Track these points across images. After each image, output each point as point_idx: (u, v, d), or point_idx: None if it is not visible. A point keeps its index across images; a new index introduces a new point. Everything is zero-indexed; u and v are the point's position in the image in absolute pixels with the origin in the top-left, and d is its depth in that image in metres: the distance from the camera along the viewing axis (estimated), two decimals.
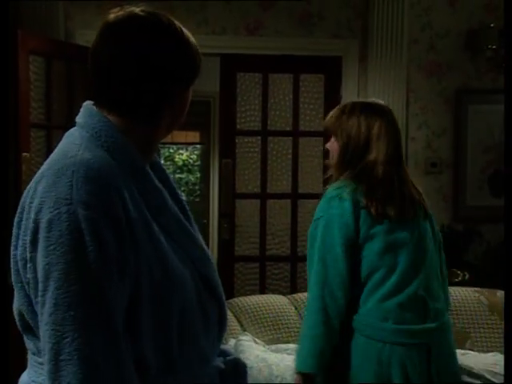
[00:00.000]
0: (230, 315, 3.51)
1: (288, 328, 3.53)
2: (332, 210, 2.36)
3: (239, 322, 3.50)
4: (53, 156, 1.45)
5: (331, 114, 2.53)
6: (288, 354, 3.25)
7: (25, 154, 4.13)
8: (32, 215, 1.34)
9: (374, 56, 4.90)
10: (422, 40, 5.02)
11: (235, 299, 3.67)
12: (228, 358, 1.59)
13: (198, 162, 11.49)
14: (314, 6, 4.92)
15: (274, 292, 4.79)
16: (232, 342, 3.28)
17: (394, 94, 4.93)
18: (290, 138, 4.96)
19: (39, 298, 1.32)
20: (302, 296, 3.69)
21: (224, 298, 1.58)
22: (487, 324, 3.55)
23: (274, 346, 3.37)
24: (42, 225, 1.31)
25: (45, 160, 4.14)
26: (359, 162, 2.43)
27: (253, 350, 3.12)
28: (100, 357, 1.28)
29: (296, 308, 3.63)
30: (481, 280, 4.61)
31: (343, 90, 4.94)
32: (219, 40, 4.87)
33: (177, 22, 1.53)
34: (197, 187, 11.13)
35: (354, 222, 2.34)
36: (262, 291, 4.88)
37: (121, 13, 1.49)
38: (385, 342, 2.32)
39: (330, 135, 2.54)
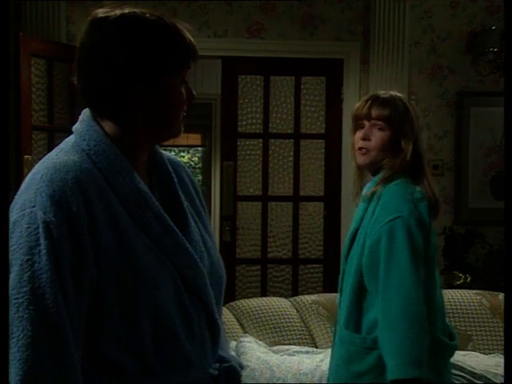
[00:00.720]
0: (231, 318, 3.52)
1: (290, 330, 3.53)
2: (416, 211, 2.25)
3: (240, 324, 3.51)
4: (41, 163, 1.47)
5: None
6: (289, 355, 3.25)
7: (26, 156, 4.14)
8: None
9: (376, 58, 4.90)
10: (424, 43, 5.02)
11: (236, 302, 3.67)
12: (224, 364, 1.55)
13: (200, 165, 11.50)
14: (315, 8, 4.92)
15: (275, 294, 4.79)
16: (233, 343, 3.28)
17: None
18: (292, 140, 4.96)
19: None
20: (304, 299, 3.69)
21: (212, 302, 1.53)
22: (489, 326, 3.54)
23: (275, 347, 3.38)
24: (10, 226, 1.34)
25: None
26: None
27: (254, 352, 3.12)
28: (42, 361, 1.29)
29: (298, 311, 3.63)
30: (483, 282, 4.62)
31: (345, 92, 4.94)
32: (221, 42, 4.88)
33: (168, 20, 1.49)
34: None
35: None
36: (264, 294, 4.88)
37: (105, 10, 1.49)
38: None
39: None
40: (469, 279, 4.61)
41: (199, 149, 11.21)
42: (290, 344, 3.44)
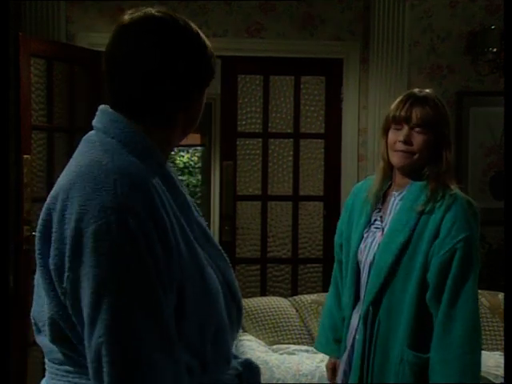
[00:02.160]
0: None
1: (289, 330, 3.53)
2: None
3: None
4: (80, 162, 1.40)
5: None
6: (289, 353, 3.25)
7: (26, 156, 4.13)
8: (71, 224, 1.30)
9: (375, 58, 4.90)
10: (423, 42, 5.02)
11: None
12: (241, 359, 1.58)
13: (199, 164, 11.51)
14: (315, 8, 4.92)
15: (274, 294, 4.78)
16: None
17: (395, 97, 4.86)
18: (291, 140, 4.96)
19: (88, 310, 1.27)
20: (303, 298, 3.69)
21: (242, 300, 1.58)
22: (488, 326, 3.54)
23: (275, 346, 3.37)
24: (88, 234, 1.27)
25: (46, 162, 4.15)
26: None
27: (253, 352, 3.12)
28: (161, 367, 1.27)
29: (297, 310, 3.63)
30: (483, 282, 4.61)
31: (344, 92, 4.95)
32: (220, 42, 4.86)
33: (193, 24, 1.51)
34: (198, 189, 11.14)
35: None
36: (263, 293, 4.88)
37: (136, 14, 1.46)
38: None
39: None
40: None
41: (198, 148, 11.21)
42: (289, 343, 3.44)
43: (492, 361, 3.16)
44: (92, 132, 1.48)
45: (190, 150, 11.86)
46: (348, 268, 2.43)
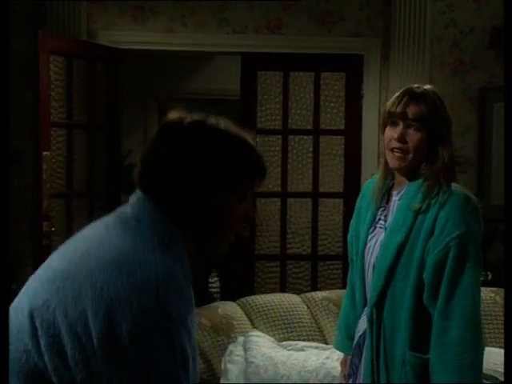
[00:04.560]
0: (240, 313, 3.52)
1: (299, 327, 3.52)
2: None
3: (250, 320, 3.51)
4: (119, 252, 1.36)
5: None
6: (298, 350, 3.24)
7: (45, 152, 4.20)
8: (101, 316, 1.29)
9: (396, 54, 4.86)
10: (446, 37, 4.95)
11: (247, 298, 3.68)
12: None
13: None
14: (334, 4, 4.89)
15: (294, 291, 4.77)
16: (241, 339, 3.29)
17: None
18: (311, 136, 4.94)
19: None
20: (315, 295, 3.68)
21: None
22: (502, 324, 3.49)
23: (284, 343, 3.37)
24: (123, 333, 1.27)
25: (66, 159, 4.20)
26: None
27: (260, 348, 3.13)
28: None
29: (308, 307, 3.62)
30: (502, 280, 4.54)
31: (365, 88, 4.91)
32: (240, 39, 4.88)
33: (234, 128, 1.47)
34: None
35: None
36: (283, 290, 4.87)
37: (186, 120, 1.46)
38: None
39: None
40: (489, 277, 4.55)
41: None
42: (299, 340, 3.44)
43: (498, 358, 3.11)
44: (130, 216, 1.45)
45: None
46: (357, 268, 2.41)
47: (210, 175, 1.41)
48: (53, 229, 4.26)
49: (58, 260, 1.43)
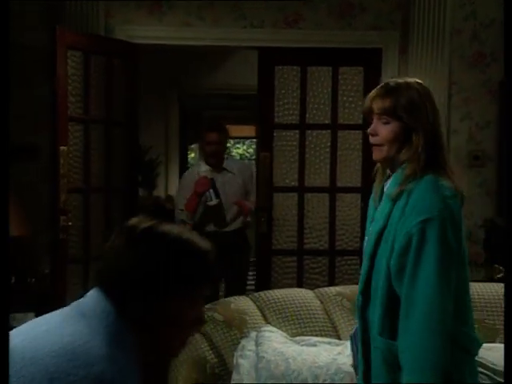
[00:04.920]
0: (253, 308, 3.51)
1: (312, 322, 3.50)
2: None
3: (263, 315, 3.49)
4: (72, 341, 1.40)
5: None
6: (310, 345, 3.22)
7: (63, 147, 4.23)
8: None
9: (415, 47, 4.82)
10: (466, 30, 4.90)
11: (260, 292, 3.66)
12: None
13: (255, 156, 11.54)
14: None
15: (311, 286, 4.75)
16: (253, 334, 3.28)
17: (436, 86, 4.81)
18: (329, 131, 4.91)
19: None
20: (328, 290, 3.65)
21: None
22: None
23: (297, 338, 3.36)
24: None
25: (83, 153, 4.26)
26: None
27: (271, 343, 3.11)
28: None
29: (321, 302, 3.59)
30: None
31: (383, 82, 4.85)
32: (257, 33, 4.87)
33: (187, 235, 1.53)
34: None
35: None
36: (300, 285, 4.86)
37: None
38: None
39: None
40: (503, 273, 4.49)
41: (254, 140, 11.25)
42: (312, 335, 3.41)
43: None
44: (86, 308, 1.50)
45: (246, 142, 11.90)
46: None
47: (160, 280, 1.47)
48: (70, 223, 4.29)
49: (16, 340, 1.44)
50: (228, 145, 5.07)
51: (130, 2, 4.79)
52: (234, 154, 12.04)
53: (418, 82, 2.26)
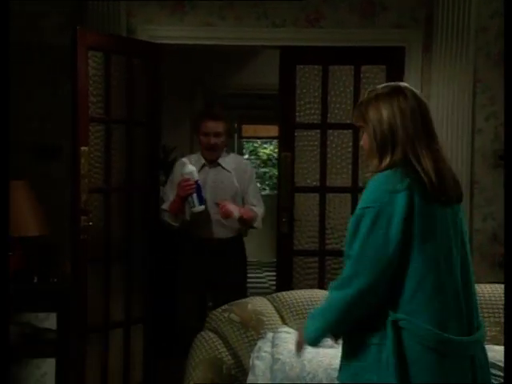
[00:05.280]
0: (271, 309, 3.49)
1: None
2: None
3: (281, 316, 3.47)
4: None
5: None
6: (325, 347, 3.18)
7: (83, 147, 4.24)
8: None
9: (439, 46, 4.75)
10: (491, 27, 4.82)
11: (278, 293, 3.64)
12: None
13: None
14: None
15: None
16: (270, 335, 3.26)
17: (460, 85, 4.76)
18: (350, 130, 4.86)
19: None
20: None
21: None
22: None
23: None
24: None
25: (104, 154, 4.31)
26: None
27: (287, 345, 3.08)
28: None
29: None
30: None
31: (406, 81, 4.79)
32: (279, 32, 4.85)
33: None
34: None
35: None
36: (321, 286, 4.81)
37: None
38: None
39: None
40: None
41: None
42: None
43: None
44: None
45: (273, 142, 11.86)
46: None
47: None
48: (91, 223, 4.30)
49: None
50: (255, 145, 4.98)
51: (153, 2, 4.79)
52: (261, 153, 12.04)
53: (387, 86, 2.34)
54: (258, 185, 6.95)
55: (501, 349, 2.75)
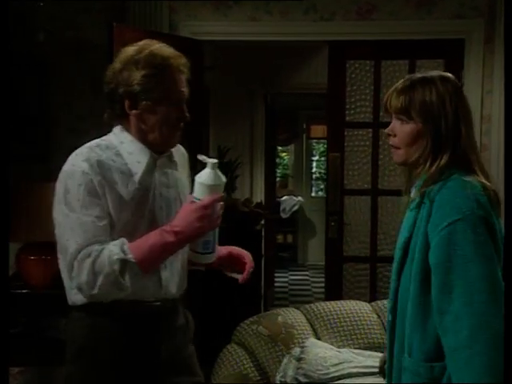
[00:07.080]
0: (303, 321, 3.26)
1: (367, 338, 3.22)
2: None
3: (313, 328, 3.24)
4: None
5: None
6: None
7: None
8: None
9: (502, 37, 4.38)
10: None
11: (311, 305, 3.41)
12: None
13: None
14: None
15: (386, 296, 4.42)
16: (297, 350, 3.02)
17: None
18: None
19: None
20: (386, 303, 3.34)
21: None
22: None
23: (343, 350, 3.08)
24: None
25: None
26: None
27: (311, 362, 2.84)
28: None
29: (379, 316, 3.29)
30: None
31: (465, 76, 4.47)
32: (328, 26, 4.58)
33: None
34: None
35: None
36: (373, 294, 4.56)
37: None
38: None
39: None
40: None
41: None
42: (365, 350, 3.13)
43: None
44: None
45: None
46: None
47: None
48: None
49: None
50: (320, 145, 4.77)
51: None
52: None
53: (443, 77, 1.99)
54: None
55: None
